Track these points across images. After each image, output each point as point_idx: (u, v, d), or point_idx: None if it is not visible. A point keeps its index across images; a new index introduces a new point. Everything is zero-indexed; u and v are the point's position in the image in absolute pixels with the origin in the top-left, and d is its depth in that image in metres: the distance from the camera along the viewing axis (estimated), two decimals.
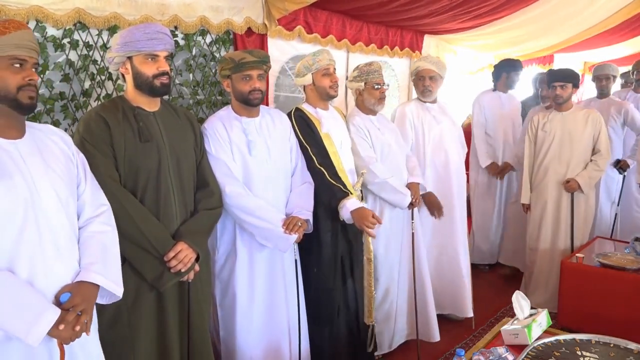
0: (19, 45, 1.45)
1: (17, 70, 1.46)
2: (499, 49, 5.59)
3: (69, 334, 1.42)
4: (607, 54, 6.95)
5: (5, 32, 1.44)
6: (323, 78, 2.71)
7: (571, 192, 3.64)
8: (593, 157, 3.65)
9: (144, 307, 1.97)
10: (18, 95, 1.46)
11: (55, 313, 1.41)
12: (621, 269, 3.09)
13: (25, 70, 1.48)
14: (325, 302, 2.71)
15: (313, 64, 2.69)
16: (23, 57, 1.47)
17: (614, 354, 1.83)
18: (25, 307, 1.38)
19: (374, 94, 2.98)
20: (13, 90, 1.45)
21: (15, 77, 1.46)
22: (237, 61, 2.33)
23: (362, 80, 2.99)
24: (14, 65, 1.45)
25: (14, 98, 1.46)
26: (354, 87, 3.04)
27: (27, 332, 1.36)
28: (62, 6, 2.28)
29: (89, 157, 1.83)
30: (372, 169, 2.86)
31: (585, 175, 3.60)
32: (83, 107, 2.46)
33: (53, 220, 1.50)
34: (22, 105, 1.47)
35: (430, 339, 3.20)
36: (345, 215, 2.54)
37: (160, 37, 1.95)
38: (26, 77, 1.47)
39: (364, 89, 3.01)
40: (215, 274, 2.46)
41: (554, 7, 4.45)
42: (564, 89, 3.64)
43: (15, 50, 1.45)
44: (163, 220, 1.99)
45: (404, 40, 4.43)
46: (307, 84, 2.74)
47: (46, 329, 1.38)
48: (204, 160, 2.24)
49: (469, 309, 3.50)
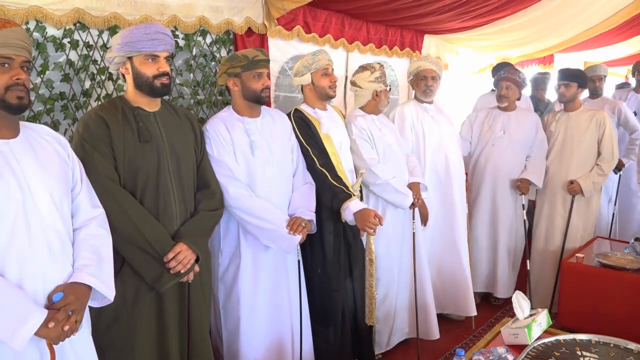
0: (5, 44, 1.43)
1: (4, 70, 1.44)
2: (500, 50, 5.58)
3: (57, 333, 1.41)
4: (607, 54, 6.95)
5: None
6: (322, 78, 2.71)
7: (573, 195, 3.64)
8: (598, 162, 3.62)
9: (144, 308, 1.97)
10: (6, 95, 1.44)
11: (41, 315, 1.40)
12: (621, 269, 3.09)
13: (13, 70, 1.45)
14: (329, 303, 2.71)
15: (312, 63, 2.69)
16: (9, 56, 1.44)
17: (614, 354, 1.83)
18: (9, 310, 1.36)
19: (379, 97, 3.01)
20: (1, 90, 1.43)
21: (3, 77, 1.44)
22: (250, 58, 2.33)
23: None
24: (5, 65, 1.44)
25: (1, 98, 1.44)
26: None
27: (12, 336, 1.34)
28: (62, 6, 2.27)
29: (88, 157, 1.83)
30: (374, 170, 2.86)
31: (589, 179, 3.59)
32: (83, 107, 2.46)
33: (46, 221, 1.49)
34: (10, 105, 1.45)
35: (429, 337, 3.20)
36: (348, 217, 2.54)
37: (161, 38, 1.95)
38: (14, 77, 1.45)
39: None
40: (219, 277, 2.46)
41: (555, 8, 4.44)
42: (568, 88, 3.65)
43: (1, 50, 1.43)
44: (163, 221, 1.99)
45: (404, 40, 4.42)
46: (306, 84, 2.74)
47: (31, 332, 1.37)
48: (204, 161, 2.24)
49: (472, 308, 3.51)
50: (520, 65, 6.16)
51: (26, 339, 1.36)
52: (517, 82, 3.69)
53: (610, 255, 3.28)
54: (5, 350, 1.39)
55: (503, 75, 3.71)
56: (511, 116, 3.75)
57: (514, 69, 3.81)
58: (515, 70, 3.77)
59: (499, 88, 3.74)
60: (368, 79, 2.98)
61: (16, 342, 1.35)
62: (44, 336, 1.41)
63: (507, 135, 3.70)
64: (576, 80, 3.65)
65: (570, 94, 3.67)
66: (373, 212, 2.52)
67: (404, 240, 3.10)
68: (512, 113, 3.77)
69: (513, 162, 3.71)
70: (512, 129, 3.70)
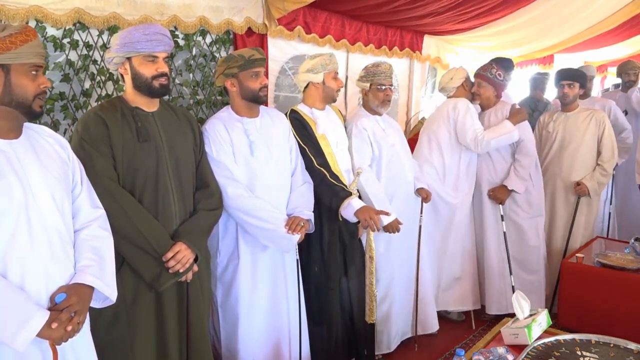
0: (38, 53, 1.48)
1: (34, 78, 1.48)
2: (499, 50, 5.58)
3: (60, 333, 1.41)
4: (607, 54, 6.96)
5: (28, 40, 1.45)
6: (332, 80, 2.75)
7: (580, 196, 3.63)
8: (600, 162, 3.61)
9: (143, 307, 1.97)
10: (33, 103, 1.48)
11: (43, 316, 1.40)
12: (621, 269, 3.09)
13: (40, 77, 1.50)
14: (326, 302, 2.72)
15: (329, 64, 2.72)
16: (41, 64, 1.49)
17: (614, 354, 1.83)
18: (11, 312, 1.36)
19: (377, 96, 2.99)
20: (30, 98, 1.47)
21: (33, 85, 1.48)
22: (247, 58, 2.33)
23: (367, 80, 3.00)
24: (33, 72, 1.47)
25: (29, 105, 1.48)
26: (360, 86, 3.06)
27: (14, 338, 1.34)
28: (62, 6, 2.27)
29: (87, 157, 1.83)
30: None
31: (594, 180, 3.59)
32: (83, 107, 2.46)
33: (48, 221, 1.49)
34: (34, 112, 1.50)
35: (428, 331, 3.21)
36: (349, 214, 2.55)
37: (160, 38, 1.95)
38: (41, 85, 1.49)
39: (369, 90, 3.01)
40: (217, 277, 2.46)
41: (553, 7, 4.45)
42: (572, 88, 3.63)
43: (36, 58, 1.47)
44: (162, 221, 1.99)
45: (403, 41, 4.42)
46: (316, 82, 2.74)
47: (33, 333, 1.37)
48: (203, 161, 2.24)
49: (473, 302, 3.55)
50: (520, 66, 6.16)
51: (28, 340, 1.36)
52: (487, 78, 3.45)
53: (610, 255, 3.28)
54: (7, 350, 1.39)
55: (475, 72, 3.55)
56: (485, 115, 3.53)
57: (488, 65, 3.54)
58: (488, 66, 3.51)
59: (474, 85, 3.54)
60: (357, 77, 3.02)
61: (18, 343, 1.35)
62: (47, 337, 1.41)
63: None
64: (579, 80, 3.64)
65: (574, 94, 3.64)
66: (375, 209, 2.52)
67: (405, 239, 3.11)
68: (488, 111, 3.53)
69: (488, 165, 3.51)
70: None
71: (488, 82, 3.49)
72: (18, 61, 1.44)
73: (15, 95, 1.45)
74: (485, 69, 3.51)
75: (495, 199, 3.48)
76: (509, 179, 3.44)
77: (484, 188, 3.55)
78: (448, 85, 3.53)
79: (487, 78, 3.48)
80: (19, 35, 1.44)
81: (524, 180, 3.44)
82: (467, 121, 3.35)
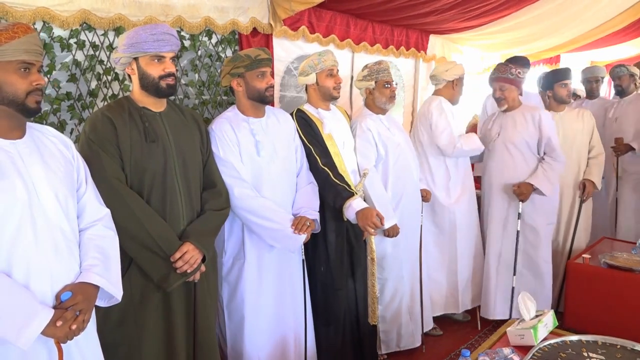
0: (28, 50, 1.47)
1: (25, 75, 1.47)
2: (505, 49, 5.56)
3: (64, 332, 1.42)
4: (614, 54, 6.92)
5: (15, 37, 1.44)
6: (327, 79, 2.72)
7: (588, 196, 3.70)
8: (591, 155, 3.74)
9: (151, 307, 1.98)
10: (27, 100, 1.48)
11: (47, 314, 1.40)
12: (628, 270, 3.08)
13: (32, 75, 1.49)
14: (333, 303, 2.72)
15: (318, 63, 2.69)
16: (31, 62, 1.48)
17: (620, 355, 1.82)
18: (15, 310, 1.37)
19: (384, 93, 2.99)
20: (22, 95, 1.47)
21: (24, 82, 1.47)
22: (253, 58, 2.33)
23: (372, 79, 2.99)
24: (22, 69, 1.47)
25: (22, 103, 1.47)
26: (364, 86, 3.04)
27: (17, 336, 1.35)
28: (68, 7, 2.29)
29: (95, 158, 1.84)
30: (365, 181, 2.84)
31: (594, 176, 3.69)
32: (90, 107, 2.47)
33: (52, 221, 1.50)
34: (29, 109, 1.49)
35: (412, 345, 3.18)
36: (351, 215, 2.54)
37: (167, 38, 1.95)
38: (34, 82, 1.48)
39: (374, 88, 3.01)
40: (223, 277, 2.47)
41: (559, 6, 4.43)
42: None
43: (24, 55, 1.46)
44: (169, 221, 1.99)
45: (409, 40, 4.41)
46: (310, 84, 2.74)
47: (37, 332, 1.38)
48: (210, 161, 2.24)
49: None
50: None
51: (32, 338, 1.37)
52: (509, 79, 3.38)
53: (617, 256, 3.27)
54: (13, 348, 1.40)
55: (493, 77, 3.44)
56: (508, 116, 3.44)
57: (504, 67, 3.45)
58: (505, 68, 3.42)
59: (493, 91, 3.46)
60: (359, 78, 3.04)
61: (22, 341, 1.36)
62: (52, 335, 1.42)
63: (500, 138, 3.42)
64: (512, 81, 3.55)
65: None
66: (375, 212, 2.52)
67: (414, 238, 3.12)
68: (511, 113, 3.44)
69: (507, 166, 3.39)
70: (509, 130, 3.40)
71: (511, 83, 3.39)
72: (3, 58, 1.43)
73: (5, 93, 1.45)
74: (504, 71, 3.40)
75: (520, 195, 3.26)
76: (535, 176, 3.27)
77: (494, 186, 3.45)
78: (440, 76, 3.46)
79: (508, 79, 3.38)
80: (3, 33, 1.43)
81: (551, 183, 3.29)
82: (441, 124, 3.31)
